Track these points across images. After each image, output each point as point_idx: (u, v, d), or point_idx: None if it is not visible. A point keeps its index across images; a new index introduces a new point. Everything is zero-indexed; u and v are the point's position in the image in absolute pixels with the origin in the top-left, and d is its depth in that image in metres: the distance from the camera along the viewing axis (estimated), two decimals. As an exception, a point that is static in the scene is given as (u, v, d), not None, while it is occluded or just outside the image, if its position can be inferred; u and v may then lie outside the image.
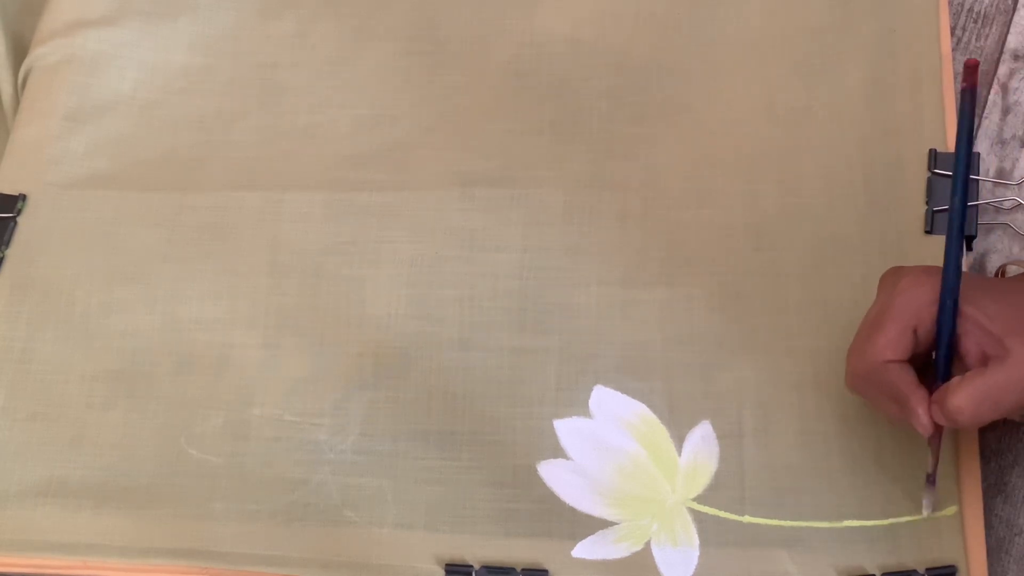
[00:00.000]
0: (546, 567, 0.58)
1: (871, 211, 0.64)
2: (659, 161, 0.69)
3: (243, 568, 0.60)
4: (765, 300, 0.63)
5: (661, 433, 0.61)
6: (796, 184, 0.66)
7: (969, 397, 0.50)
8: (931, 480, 0.55)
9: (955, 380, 0.51)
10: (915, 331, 0.52)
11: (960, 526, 0.56)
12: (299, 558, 0.60)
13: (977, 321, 0.51)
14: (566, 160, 0.69)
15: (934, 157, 0.65)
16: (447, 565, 0.59)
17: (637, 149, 0.69)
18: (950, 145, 0.64)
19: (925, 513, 0.56)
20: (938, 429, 0.53)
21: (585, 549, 0.59)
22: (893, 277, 0.54)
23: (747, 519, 0.58)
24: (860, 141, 0.66)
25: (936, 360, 0.53)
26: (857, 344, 0.54)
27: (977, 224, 0.63)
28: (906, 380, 0.52)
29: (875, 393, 0.54)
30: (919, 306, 0.52)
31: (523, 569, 0.58)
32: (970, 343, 0.51)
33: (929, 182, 0.64)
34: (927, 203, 0.64)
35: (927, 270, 0.53)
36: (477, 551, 0.59)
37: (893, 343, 0.52)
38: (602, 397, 0.63)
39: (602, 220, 0.67)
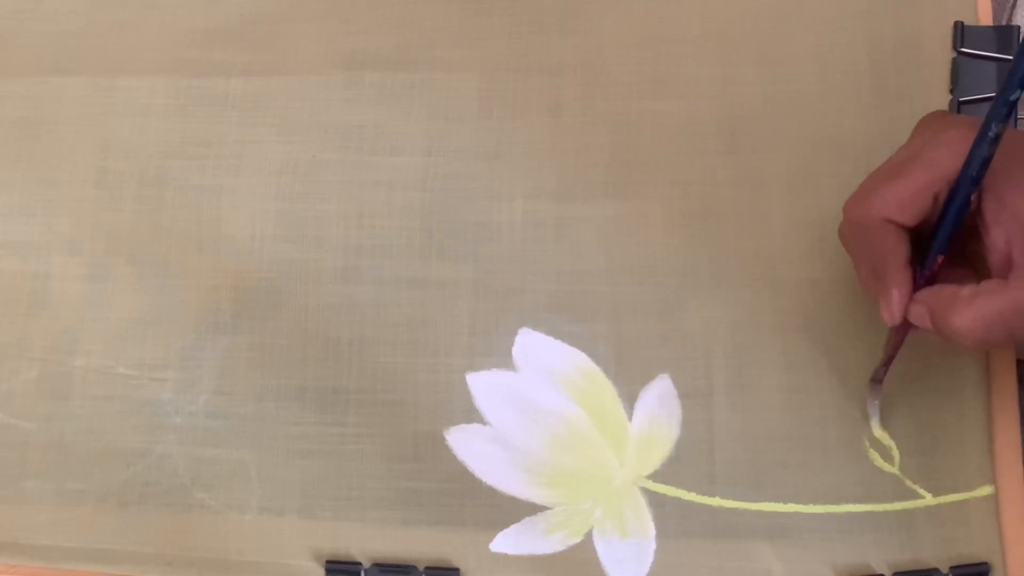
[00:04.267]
0: (456, 565, 0.55)
1: (878, 102, 0.61)
2: (603, 36, 0.65)
3: (63, 566, 0.57)
4: (742, 217, 0.60)
5: (606, 390, 0.58)
6: (782, 68, 0.63)
7: (981, 318, 0.47)
8: (878, 379, 0.54)
9: (966, 291, 0.48)
10: (936, 197, 0.49)
11: (995, 511, 0.54)
12: (136, 553, 0.57)
13: (1019, 215, 0.48)
14: (482, 36, 0.65)
15: (961, 32, 0.60)
16: (328, 562, 0.56)
17: (574, 20, 0.65)
18: (982, 16, 0.61)
19: (873, 424, 0.55)
20: (905, 325, 0.51)
21: (507, 542, 0.56)
22: (937, 124, 0.50)
23: (718, 502, 0.56)
24: (864, 12, 0.63)
25: (934, 239, 0.50)
26: (864, 187, 0.51)
27: (1016, 117, 0.57)
28: (896, 252, 0.50)
29: (859, 252, 0.52)
30: (954, 168, 0.48)
31: (427, 568, 0.55)
32: (998, 238, 0.48)
33: (954, 64, 0.60)
34: (951, 92, 0.59)
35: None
36: (367, 544, 0.56)
37: (903, 201, 0.49)
38: (529, 343, 0.59)
39: (529, 114, 0.63)
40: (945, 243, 0.49)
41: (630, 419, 0.57)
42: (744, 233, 0.60)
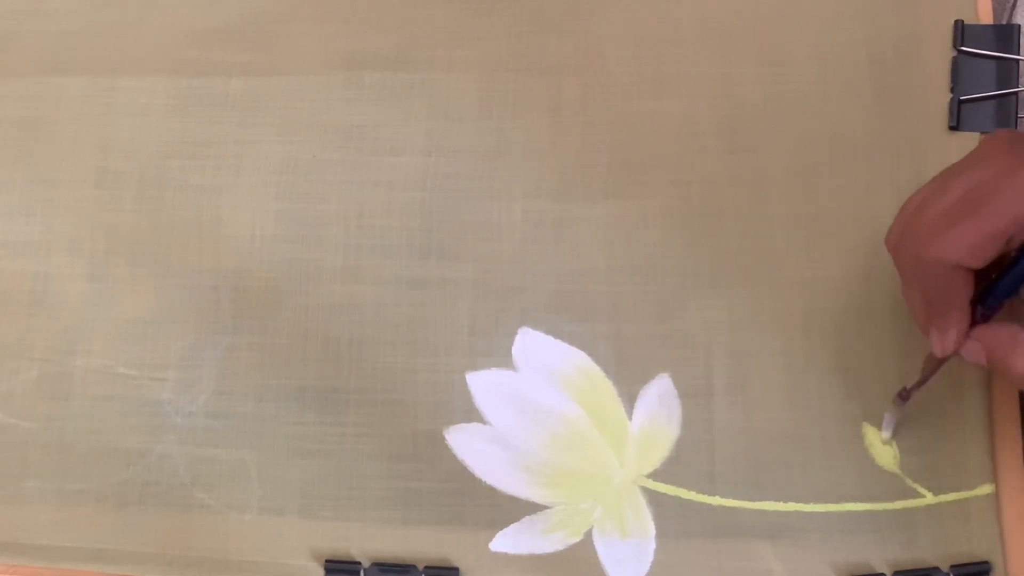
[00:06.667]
0: (456, 564, 0.55)
1: (878, 102, 0.60)
2: (603, 36, 0.64)
3: (63, 566, 0.57)
4: (742, 217, 0.60)
5: (606, 390, 0.58)
6: (782, 67, 0.62)
7: None
8: (904, 396, 0.53)
9: None
10: (1010, 240, 0.46)
11: (995, 510, 0.53)
12: (136, 553, 0.57)
13: None
14: (482, 36, 0.65)
15: (961, 31, 0.60)
16: (327, 562, 0.55)
17: (574, 20, 0.65)
18: (982, 15, 0.60)
19: (884, 436, 0.54)
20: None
21: (507, 541, 0.56)
22: (1011, 156, 0.46)
23: (718, 501, 0.55)
24: (864, 12, 0.62)
25: (999, 280, 0.48)
26: (930, 217, 0.47)
27: (1017, 116, 0.58)
28: (961, 294, 0.47)
29: (913, 280, 0.49)
30: None
31: (426, 567, 0.55)
32: None
33: (954, 63, 0.59)
34: (951, 90, 0.59)
35: None
36: (367, 543, 0.56)
37: (977, 247, 0.45)
38: (529, 343, 0.59)
39: (529, 114, 0.63)
40: (1015, 288, 0.48)
41: (630, 419, 0.57)
42: (744, 233, 0.59)
